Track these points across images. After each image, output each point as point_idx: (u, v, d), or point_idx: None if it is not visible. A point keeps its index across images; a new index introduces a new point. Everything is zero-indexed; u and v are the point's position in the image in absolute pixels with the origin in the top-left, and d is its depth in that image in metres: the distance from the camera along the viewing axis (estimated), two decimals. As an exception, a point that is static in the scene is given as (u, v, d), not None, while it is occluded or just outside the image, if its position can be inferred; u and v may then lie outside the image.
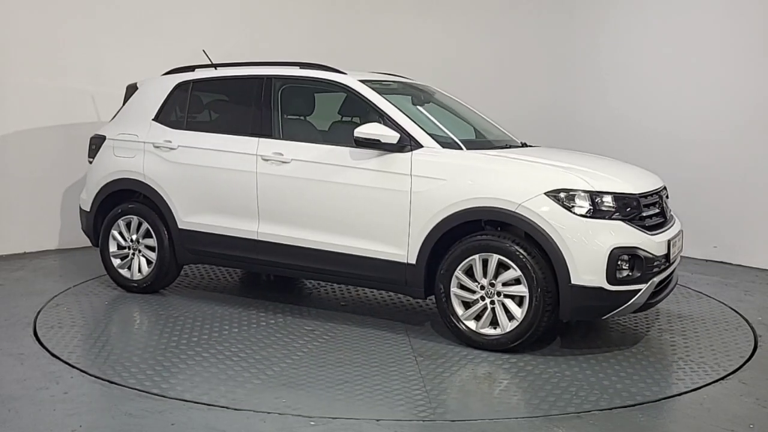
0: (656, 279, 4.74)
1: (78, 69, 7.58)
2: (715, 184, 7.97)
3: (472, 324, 4.84)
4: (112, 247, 6.09)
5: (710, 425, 3.81)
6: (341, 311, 5.74)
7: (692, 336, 5.32)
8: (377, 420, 3.76)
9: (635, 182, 4.97)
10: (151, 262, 5.97)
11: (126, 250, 6.07)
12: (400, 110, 5.21)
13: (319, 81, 5.61)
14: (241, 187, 5.53)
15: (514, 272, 4.66)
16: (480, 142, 5.73)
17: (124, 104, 6.36)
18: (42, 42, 7.41)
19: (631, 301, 4.63)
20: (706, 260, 8.01)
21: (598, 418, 3.86)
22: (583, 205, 4.59)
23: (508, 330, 4.72)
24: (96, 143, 6.31)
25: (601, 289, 4.53)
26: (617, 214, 4.63)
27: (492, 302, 4.77)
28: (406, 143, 5.01)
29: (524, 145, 5.92)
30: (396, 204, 4.98)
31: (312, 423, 3.72)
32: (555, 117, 9.25)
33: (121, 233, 6.06)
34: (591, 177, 4.76)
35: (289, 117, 5.74)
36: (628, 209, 4.69)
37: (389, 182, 5.02)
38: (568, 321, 5.12)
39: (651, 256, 4.64)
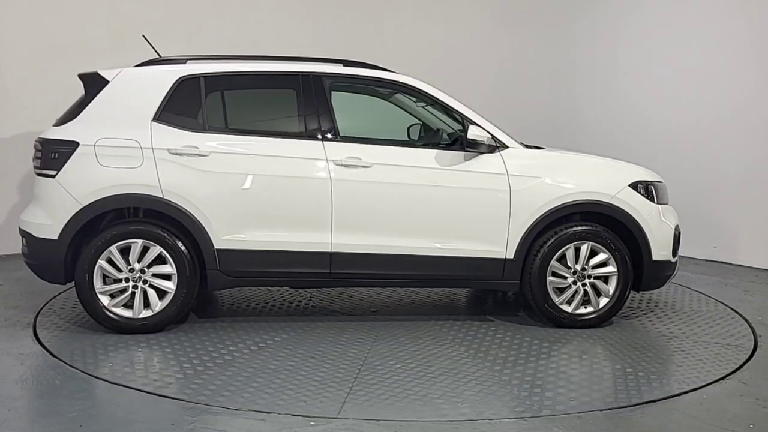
0: None
1: (79, 68, 7.57)
2: (715, 184, 7.97)
3: (566, 307, 5.32)
4: (98, 283, 4.95)
5: (710, 425, 3.81)
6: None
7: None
8: (377, 420, 3.76)
9: None
10: (166, 294, 5.01)
11: (121, 284, 4.97)
12: (474, 112, 5.35)
13: (379, 81, 5.43)
14: (309, 195, 5.05)
15: (604, 255, 5.29)
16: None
17: (88, 99, 5.15)
18: (43, 41, 7.41)
19: (676, 269, 5.62)
20: (706, 260, 8.01)
21: (598, 418, 3.86)
22: (651, 193, 5.42)
23: (602, 306, 5.35)
24: (59, 151, 4.97)
25: (669, 261, 5.47)
26: (665, 199, 5.53)
27: (584, 285, 5.31)
28: (494, 144, 5.23)
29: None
30: (496, 203, 5.18)
31: (312, 423, 3.72)
32: (554, 117, 9.26)
33: (112, 262, 4.95)
34: (646, 170, 5.61)
35: (345, 118, 5.52)
36: (667, 196, 5.63)
37: (487, 182, 5.19)
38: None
39: None
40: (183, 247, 4.98)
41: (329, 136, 5.16)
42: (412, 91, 5.44)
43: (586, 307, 5.36)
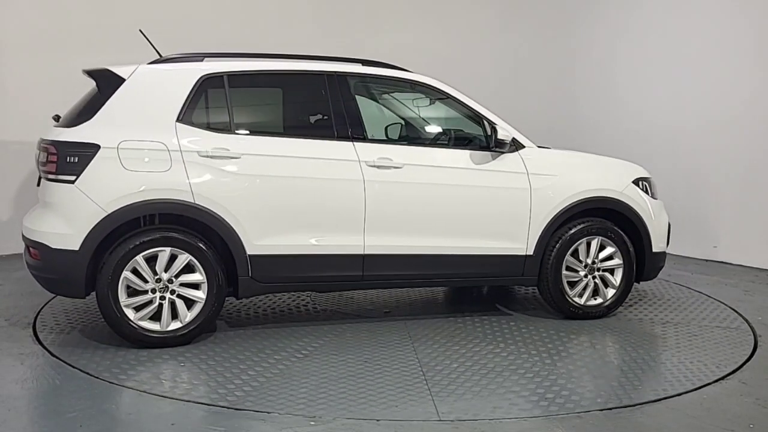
0: None
1: (73, 66, 7.56)
2: (715, 184, 7.97)
3: (578, 300, 5.56)
4: (122, 295, 4.62)
5: (710, 425, 3.81)
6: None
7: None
8: (377, 420, 3.76)
9: None
10: (194, 303, 4.75)
11: (147, 295, 4.67)
12: (491, 112, 5.43)
13: (401, 81, 5.45)
14: (342, 197, 4.95)
15: (611, 248, 5.54)
16: None
17: (103, 98, 4.75)
18: (44, 41, 7.41)
19: (665, 260, 5.96)
20: (706, 260, 8.01)
21: (598, 418, 3.86)
22: (648, 189, 5.75)
23: (609, 297, 5.62)
24: (78, 154, 4.58)
25: (664, 252, 5.85)
26: (656, 194, 5.85)
27: (594, 278, 5.56)
28: (513, 144, 5.37)
29: None
30: (518, 201, 5.34)
31: (312, 423, 3.72)
32: (554, 117, 9.26)
33: (137, 273, 4.64)
34: (640, 167, 5.88)
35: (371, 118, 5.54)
36: (657, 191, 5.90)
37: (511, 181, 5.33)
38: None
39: None
40: (213, 253, 4.74)
41: (359, 136, 5.08)
42: (433, 92, 5.46)
43: (595, 299, 5.61)
